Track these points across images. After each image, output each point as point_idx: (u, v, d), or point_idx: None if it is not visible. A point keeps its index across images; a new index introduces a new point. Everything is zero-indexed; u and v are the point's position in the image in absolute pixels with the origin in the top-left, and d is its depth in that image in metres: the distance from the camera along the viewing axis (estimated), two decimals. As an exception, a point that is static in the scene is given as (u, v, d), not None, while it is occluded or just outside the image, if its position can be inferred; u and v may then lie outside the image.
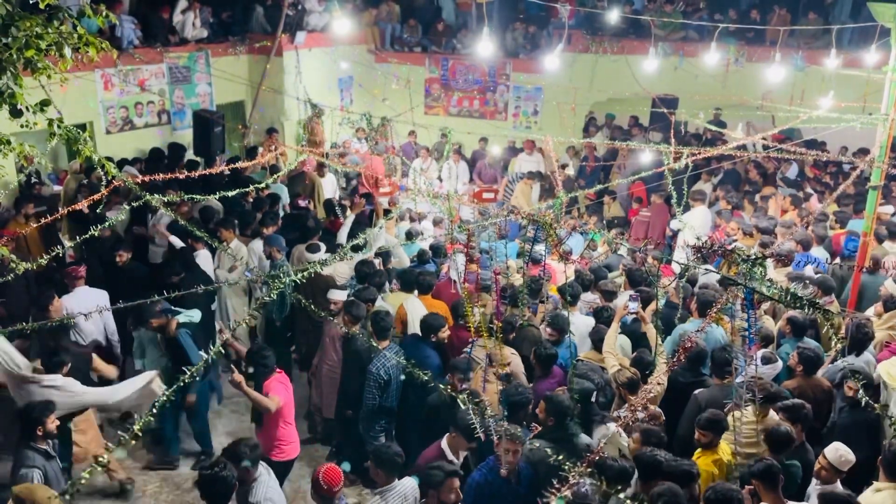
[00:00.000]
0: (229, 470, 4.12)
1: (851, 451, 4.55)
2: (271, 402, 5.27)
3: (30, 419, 4.74)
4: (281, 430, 5.42)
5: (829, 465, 4.48)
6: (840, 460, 4.47)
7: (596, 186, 9.21)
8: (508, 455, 4.34)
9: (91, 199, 5.61)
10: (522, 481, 4.47)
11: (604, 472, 4.16)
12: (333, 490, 4.18)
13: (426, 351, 5.90)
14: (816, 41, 13.34)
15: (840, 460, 4.47)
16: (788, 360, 6.03)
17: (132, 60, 10.79)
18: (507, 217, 6.70)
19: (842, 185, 9.00)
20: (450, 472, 4.17)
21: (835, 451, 4.51)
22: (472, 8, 15.87)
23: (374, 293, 6.66)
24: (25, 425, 4.77)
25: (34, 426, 4.73)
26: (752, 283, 3.69)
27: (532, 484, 4.44)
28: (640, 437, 4.64)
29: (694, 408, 5.26)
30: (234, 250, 7.56)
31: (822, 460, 4.54)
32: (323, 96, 13.58)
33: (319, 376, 6.68)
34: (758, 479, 4.22)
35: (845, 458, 4.48)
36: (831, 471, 4.47)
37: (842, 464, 4.47)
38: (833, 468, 4.47)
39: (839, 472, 4.49)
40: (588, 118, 14.83)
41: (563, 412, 4.70)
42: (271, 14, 12.84)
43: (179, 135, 11.75)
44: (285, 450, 5.48)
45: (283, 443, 5.46)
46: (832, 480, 4.47)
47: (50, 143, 4.23)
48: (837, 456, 4.48)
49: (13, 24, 3.67)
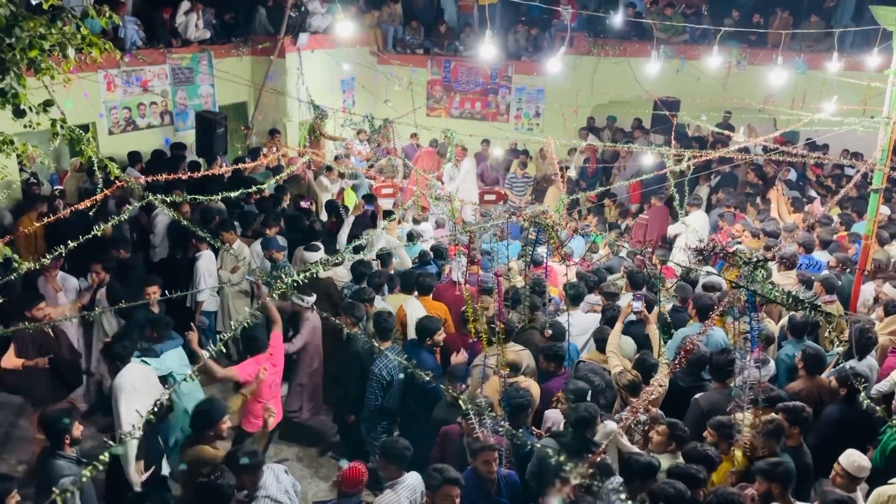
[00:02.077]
0: (226, 478, 4.09)
1: (843, 445, 4.53)
2: (228, 372, 5.62)
3: (57, 429, 4.56)
4: (251, 404, 5.72)
5: (843, 471, 4.43)
6: (854, 466, 4.41)
7: (597, 189, 9.22)
8: (487, 466, 4.30)
9: (94, 200, 5.61)
10: (504, 489, 4.42)
11: (630, 468, 4.16)
12: (357, 487, 4.30)
13: (422, 355, 5.84)
14: (818, 44, 13.35)
15: (854, 466, 4.41)
16: (790, 362, 6.04)
17: (135, 61, 10.81)
18: (508, 219, 6.70)
19: (844, 188, 9.02)
20: (448, 479, 4.08)
21: (848, 457, 4.45)
22: (474, 10, 15.90)
23: (371, 293, 6.68)
24: (53, 435, 4.59)
25: (62, 435, 4.57)
26: (753, 286, 3.70)
27: (514, 492, 4.43)
28: (667, 429, 4.69)
29: (695, 412, 5.25)
30: (237, 251, 7.57)
31: (837, 467, 4.48)
32: (325, 98, 13.60)
33: (298, 381, 6.70)
34: (777, 482, 4.20)
35: (859, 464, 4.41)
36: (847, 478, 4.41)
37: (857, 470, 4.40)
38: (848, 475, 4.41)
39: (856, 480, 4.43)
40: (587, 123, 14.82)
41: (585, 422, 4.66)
42: (274, 16, 12.86)
43: (182, 136, 11.77)
44: (253, 422, 5.72)
45: (252, 416, 5.73)
46: (850, 488, 4.40)
47: (53, 144, 4.24)
48: (851, 462, 4.42)
49: (17, 24, 3.68)
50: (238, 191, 7.28)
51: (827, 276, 7.13)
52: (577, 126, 14.37)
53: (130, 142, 10.93)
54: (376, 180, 11.00)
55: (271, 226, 8.15)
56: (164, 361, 5.87)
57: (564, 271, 6.92)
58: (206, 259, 7.61)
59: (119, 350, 5.47)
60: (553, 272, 7.91)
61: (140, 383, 5.41)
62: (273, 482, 4.50)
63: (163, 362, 5.84)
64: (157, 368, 5.73)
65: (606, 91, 14.15)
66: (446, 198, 9.28)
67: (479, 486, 4.34)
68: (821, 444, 5.13)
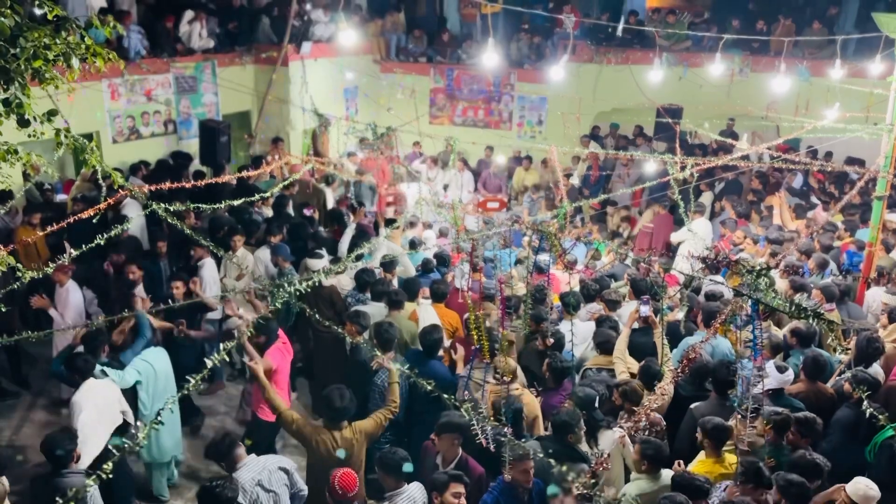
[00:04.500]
0: (230, 488, 4.08)
1: (849, 447, 4.47)
2: (270, 363, 5.70)
3: (64, 450, 4.45)
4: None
5: (849, 500, 4.20)
6: (860, 495, 4.16)
7: (600, 196, 9.22)
8: (525, 475, 4.27)
9: (97, 209, 5.63)
10: (535, 498, 4.41)
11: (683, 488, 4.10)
12: (349, 495, 4.18)
13: (431, 363, 5.83)
14: (821, 51, 13.35)
15: (860, 495, 4.16)
16: (796, 371, 6.02)
17: (139, 70, 10.86)
18: (511, 227, 6.71)
19: (847, 194, 9.01)
20: (453, 476, 4.17)
21: (855, 485, 4.22)
22: (476, 18, 15.96)
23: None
24: (57, 458, 4.45)
25: (67, 457, 4.47)
26: (756, 294, 3.69)
27: (543, 500, 4.38)
28: (640, 447, 4.57)
29: (690, 421, 5.21)
30: (240, 259, 7.58)
31: (843, 494, 4.26)
32: (328, 106, 13.64)
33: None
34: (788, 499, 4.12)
35: (865, 492, 4.15)
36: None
37: (864, 500, 4.15)
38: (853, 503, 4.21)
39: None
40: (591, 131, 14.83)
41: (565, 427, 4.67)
42: (277, 25, 12.92)
43: (185, 144, 11.82)
44: (267, 410, 5.53)
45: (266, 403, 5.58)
46: None
47: (57, 153, 4.25)
48: (857, 489, 4.18)
49: (21, 34, 3.70)
50: (242, 199, 7.31)
51: (827, 285, 7.11)
52: (580, 134, 14.39)
53: (134, 151, 10.98)
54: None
55: (275, 233, 8.17)
56: (131, 372, 5.60)
57: (568, 279, 6.92)
58: (209, 267, 7.63)
59: (80, 364, 5.25)
60: (556, 280, 7.90)
61: (100, 401, 5.24)
62: (249, 476, 4.48)
63: (128, 374, 5.57)
64: (117, 381, 5.44)
65: (609, 99, 14.17)
66: (449, 206, 9.30)
67: (515, 496, 4.33)
68: (834, 448, 5.10)
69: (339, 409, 4.81)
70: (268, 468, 4.60)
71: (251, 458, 4.59)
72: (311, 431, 4.82)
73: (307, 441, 4.82)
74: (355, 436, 4.85)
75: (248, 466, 4.52)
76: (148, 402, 5.76)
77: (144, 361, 5.78)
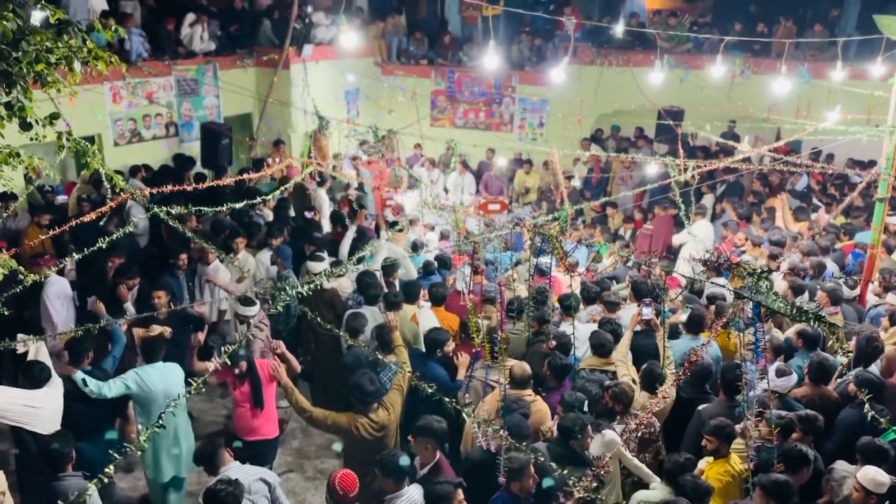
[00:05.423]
0: (234, 492, 4.08)
1: (854, 447, 4.48)
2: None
3: (60, 454, 4.44)
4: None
5: (861, 487, 4.29)
6: (869, 479, 4.26)
7: (601, 199, 9.22)
8: (529, 481, 4.29)
9: (99, 212, 5.63)
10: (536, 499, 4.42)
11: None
12: (349, 495, 4.23)
13: (432, 366, 5.84)
14: (822, 53, 13.35)
15: (869, 479, 4.26)
16: (800, 373, 6.01)
17: (140, 73, 10.88)
18: (512, 229, 6.70)
19: (848, 196, 8.99)
20: (457, 484, 4.17)
21: (865, 472, 4.31)
22: (478, 21, 15.97)
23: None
24: (54, 462, 4.45)
25: (64, 461, 4.46)
26: (758, 297, 3.68)
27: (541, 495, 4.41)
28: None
29: (697, 424, 5.21)
30: (241, 261, 7.58)
31: (855, 483, 4.36)
32: (330, 108, 13.64)
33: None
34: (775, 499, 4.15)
35: (874, 479, 4.25)
36: (863, 492, 4.29)
37: (876, 486, 4.25)
38: (865, 490, 4.28)
39: (873, 495, 4.29)
40: (591, 134, 14.82)
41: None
42: (279, 27, 12.93)
43: (187, 147, 11.82)
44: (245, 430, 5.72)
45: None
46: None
47: (59, 156, 4.26)
48: (866, 475, 4.29)
49: (24, 38, 3.71)
50: (243, 202, 7.31)
51: (834, 288, 7.08)
52: (581, 136, 14.39)
53: (136, 153, 10.99)
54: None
55: (276, 236, 8.17)
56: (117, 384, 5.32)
57: (569, 282, 6.91)
58: (215, 270, 7.63)
59: (36, 373, 5.01)
60: (557, 282, 7.90)
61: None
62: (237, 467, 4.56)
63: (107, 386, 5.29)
64: (94, 391, 5.21)
65: (610, 101, 14.17)
66: (450, 208, 9.30)
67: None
68: (839, 448, 5.10)
69: (372, 392, 5.04)
70: (249, 476, 4.59)
71: (235, 465, 4.62)
72: (347, 420, 5.06)
73: (345, 430, 5.06)
74: (389, 410, 5.14)
75: (231, 472, 4.51)
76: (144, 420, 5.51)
77: (139, 377, 5.41)
